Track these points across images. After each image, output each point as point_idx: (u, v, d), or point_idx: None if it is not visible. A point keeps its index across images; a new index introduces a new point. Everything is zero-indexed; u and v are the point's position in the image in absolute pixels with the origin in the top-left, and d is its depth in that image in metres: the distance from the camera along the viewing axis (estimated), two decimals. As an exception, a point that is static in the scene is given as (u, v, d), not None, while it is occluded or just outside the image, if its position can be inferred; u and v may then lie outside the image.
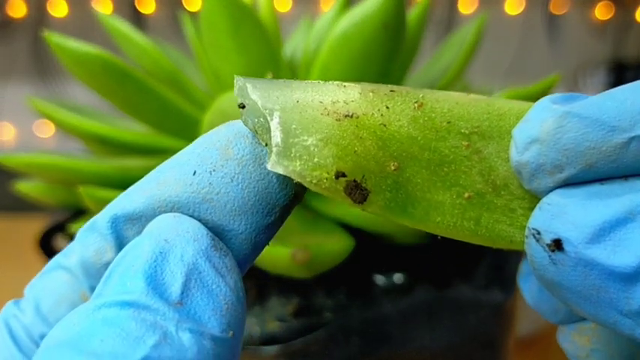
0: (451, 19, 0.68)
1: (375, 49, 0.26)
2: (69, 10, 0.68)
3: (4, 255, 0.55)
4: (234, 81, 0.15)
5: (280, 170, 0.13)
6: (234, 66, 0.28)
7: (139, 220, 0.14)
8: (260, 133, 0.14)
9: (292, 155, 0.13)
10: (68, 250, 0.15)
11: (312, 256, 0.23)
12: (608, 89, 0.13)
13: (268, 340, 0.25)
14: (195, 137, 0.32)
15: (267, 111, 0.14)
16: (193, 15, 0.36)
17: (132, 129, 0.32)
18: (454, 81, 0.34)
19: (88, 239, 0.14)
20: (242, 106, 0.14)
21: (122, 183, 0.28)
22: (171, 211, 0.14)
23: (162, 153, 0.31)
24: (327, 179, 0.13)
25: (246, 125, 0.14)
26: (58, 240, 0.33)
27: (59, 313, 0.14)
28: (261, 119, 0.14)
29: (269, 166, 0.13)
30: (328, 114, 0.14)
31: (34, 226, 0.34)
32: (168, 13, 0.67)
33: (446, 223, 0.14)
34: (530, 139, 0.13)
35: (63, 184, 0.32)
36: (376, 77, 0.27)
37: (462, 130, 0.14)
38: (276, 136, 0.13)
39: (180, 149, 0.31)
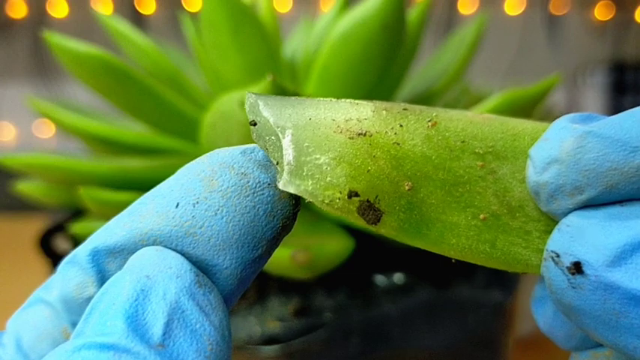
0: (451, 19, 0.68)
1: (375, 50, 0.26)
2: (69, 10, 0.68)
3: (4, 255, 0.55)
4: (246, 98, 0.14)
5: (292, 189, 0.13)
6: (234, 66, 0.28)
7: (121, 253, 0.13)
8: (271, 151, 0.14)
9: (304, 174, 0.13)
10: (49, 284, 0.14)
11: (313, 257, 0.23)
12: (608, 89, 0.13)
13: (268, 340, 0.25)
14: (195, 137, 0.32)
15: (279, 129, 0.13)
16: (193, 15, 0.36)
17: (132, 129, 0.32)
18: (454, 81, 0.34)
19: (69, 273, 0.14)
20: (253, 124, 0.14)
21: (122, 183, 0.28)
22: (153, 245, 0.13)
23: (162, 153, 0.31)
24: (339, 199, 0.13)
25: (257, 143, 0.14)
26: (58, 240, 0.33)
27: (40, 349, 0.14)
28: (273, 137, 0.14)
29: (280, 186, 0.13)
30: (341, 132, 0.13)
31: (34, 226, 0.34)
32: (168, 13, 0.67)
33: (461, 246, 0.13)
34: (549, 160, 0.13)
35: (63, 184, 0.32)
36: (376, 77, 0.27)
37: (477, 150, 0.14)
38: (289, 154, 0.13)
39: (180, 149, 0.31)
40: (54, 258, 0.31)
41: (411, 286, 0.28)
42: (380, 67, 0.27)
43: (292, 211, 0.14)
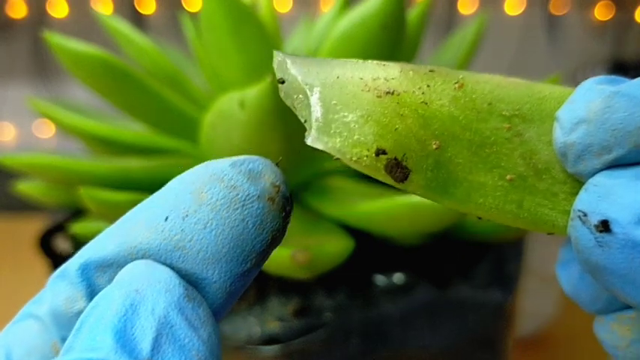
0: (451, 19, 0.68)
1: (375, 50, 0.26)
2: (69, 10, 0.68)
3: (4, 255, 0.55)
4: (274, 56, 0.14)
5: (320, 146, 0.13)
6: (234, 66, 0.28)
7: (111, 267, 0.13)
8: (299, 109, 0.14)
9: (332, 132, 0.13)
10: (39, 298, 0.14)
11: (313, 257, 0.23)
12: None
13: (268, 340, 0.25)
14: (195, 137, 0.32)
15: (307, 86, 0.13)
16: (193, 15, 0.36)
17: (132, 129, 0.32)
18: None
19: (59, 287, 0.14)
20: (281, 82, 0.14)
21: (122, 183, 0.28)
22: (142, 258, 0.13)
23: (162, 153, 0.31)
24: (367, 157, 0.13)
25: (285, 101, 0.14)
26: (58, 240, 0.33)
27: None
28: (300, 95, 0.14)
29: (309, 142, 0.13)
30: (369, 90, 0.13)
31: (34, 226, 0.34)
32: (168, 13, 0.67)
33: (488, 205, 0.14)
34: (577, 120, 0.13)
35: (63, 184, 0.32)
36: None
37: (503, 112, 0.14)
38: (317, 112, 0.13)
39: (180, 149, 0.31)
40: (54, 258, 0.31)
41: (411, 286, 0.28)
42: (380, 67, 0.27)
43: (282, 223, 0.13)
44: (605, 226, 0.12)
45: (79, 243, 0.30)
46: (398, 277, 0.28)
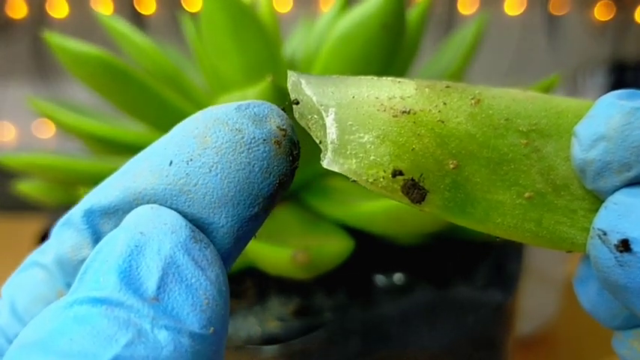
0: (451, 19, 0.68)
1: (375, 50, 0.26)
2: (69, 10, 0.68)
3: (4, 255, 0.55)
4: (288, 76, 0.14)
5: (336, 168, 0.13)
6: (234, 66, 0.28)
7: (116, 213, 0.13)
8: (314, 130, 0.14)
9: (348, 153, 0.13)
10: (45, 247, 0.14)
11: (313, 257, 0.23)
12: (608, 89, 0.13)
13: (268, 340, 0.25)
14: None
15: (322, 107, 0.13)
16: (193, 15, 0.36)
17: (132, 129, 0.32)
18: (454, 81, 0.34)
19: (64, 235, 0.14)
20: (296, 102, 0.14)
21: (122, 183, 0.28)
22: (147, 204, 0.13)
23: (162, 153, 0.31)
24: (383, 178, 0.13)
25: (299, 122, 0.14)
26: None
27: (35, 312, 0.13)
28: (315, 116, 0.14)
29: (324, 164, 0.13)
30: (385, 110, 0.13)
31: (34, 226, 0.34)
32: (168, 14, 0.67)
33: (507, 224, 0.13)
34: (596, 137, 0.13)
35: (63, 184, 0.32)
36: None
37: (520, 128, 0.14)
38: (332, 133, 0.13)
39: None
40: (54, 258, 0.31)
41: (411, 286, 0.28)
42: (380, 67, 0.27)
43: (289, 167, 0.13)
44: (625, 245, 0.12)
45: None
46: (398, 277, 0.28)
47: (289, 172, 0.13)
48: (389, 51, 0.27)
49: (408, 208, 0.24)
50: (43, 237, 0.33)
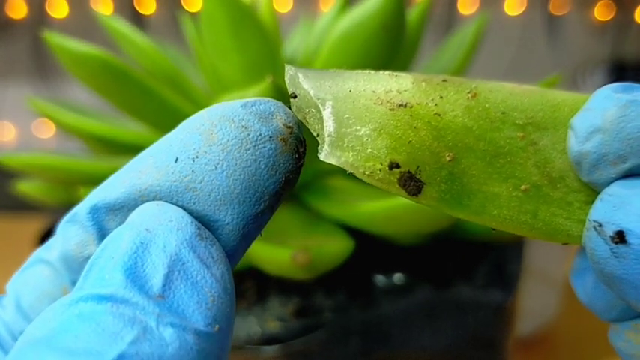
0: (451, 19, 0.68)
1: (375, 50, 0.26)
2: (69, 10, 0.68)
3: (4, 255, 0.55)
4: (285, 70, 0.14)
5: (333, 161, 0.13)
6: (234, 66, 0.28)
7: (121, 210, 0.13)
8: (311, 123, 0.14)
9: (345, 146, 0.13)
10: (50, 244, 0.14)
11: (313, 257, 0.23)
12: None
13: (268, 340, 0.25)
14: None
15: (319, 100, 0.13)
16: (193, 15, 0.36)
17: (132, 129, 0.32)
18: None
19: (69, 232, 0.14)
20: (293, 96, 0.14)
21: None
22: (153, 201, 0.13)
23: (162, 153, 0.31)
24: (380, 170, 0.13)
25: (296, 115, 0.14)
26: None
27: (40, 309, 0.14)
28: (312, 109, 0.14)
29: (321, 157, 0.13)
30: (381, 103, 0.13)
31: (34, 226, 0.34)
32: (168, 13, 0.67)
33: (502, 216, 0.14)
34: (591, 129, 0.13)
35: (63, 184, 0.32)
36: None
37: (517, 121, 0.14)
38: (329, 126, 0.13)
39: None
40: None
41: (411, 286, 0.28)
42: (380, 67, 0.27)
43: (295, 165, 0.13)
44: (620, 236, 0.12)
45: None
46: (398, 277, 0.28)
47: (295, 169, 0.13)
48: (389, 51, 0.27)
49: (408, 208, 0.24)
50: (43, 237, 0.33)
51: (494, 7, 0.68)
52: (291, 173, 0.13)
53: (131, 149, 0.31)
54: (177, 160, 0.13)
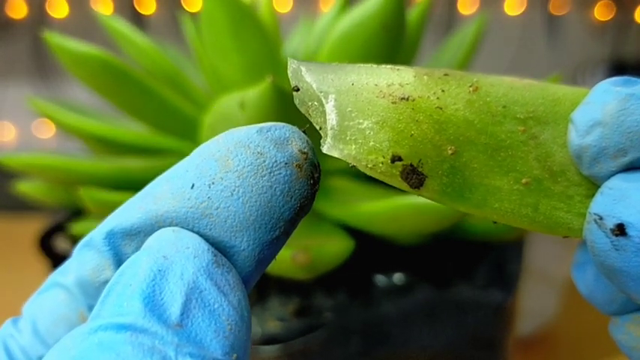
0: (451, 19, 0.68)
1: (375, 50, 0.26)
2: (69, 10, 0.68)
3: (4, 255, 0.55)
4: (288, 63, 0.14)
5: (335, 154, 0.13)
6: (234, 66, 0.28)
7: (137, 235, 0.13)
8: (314, 116, 0.14)
9: (348, 139, 0.13)
10: (65, 268, 0.14)
11: (313, 257, 0.23)
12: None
13: (268, 340, 0.25)
14: (195, 137, 0.32)
15: (322, 94, 0.14)
16: (193, 15, 0.36)
17: (132, 129, 0.32)
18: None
19: (85, 256, 0.14)
20: (296, 89, 0.14)
21: (122, 183, 0.28)
22: (169, 226, 0.13)
23: (162, 153, 0.31)
24: (382, 163, 0.13)
25: (299, 108, 0.14)
26: (58, 240, 0.33)
27: (57, 333, 0.14)
28: (315, 102, 0.14)
29: (324, 150, 0.13)
30: (384, 97, 0.14)
31: (34, 226, 0.34)
32: (168, 13, 0.67)
33: (504, 210, 0.14)
34: (592, 123, 0.13)
35: (63, 184, 0.32)
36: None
37: (518, 115, 0.14)
38: (332, 119, 0.13)
39: (180, 149, 0.31)
40: (54, 258, 0.31)
41: (411, 286, 0.28)
42: (380, 67, 0.27)
43: (310, 191, 0.13)
44: (620, 229, 0.12)
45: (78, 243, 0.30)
46: (398, 277, 0.28)
47: (310, 195, 0.13)
48: (389, 51, 0.27)
49: (408, 208, 0.24)
50: (43, 237, 0.33)
51: (494, 7, 0.68)
52: (306, 199, 0.13)
53: (131, 149, 0.31)
54: (193, 186, 0.13)
